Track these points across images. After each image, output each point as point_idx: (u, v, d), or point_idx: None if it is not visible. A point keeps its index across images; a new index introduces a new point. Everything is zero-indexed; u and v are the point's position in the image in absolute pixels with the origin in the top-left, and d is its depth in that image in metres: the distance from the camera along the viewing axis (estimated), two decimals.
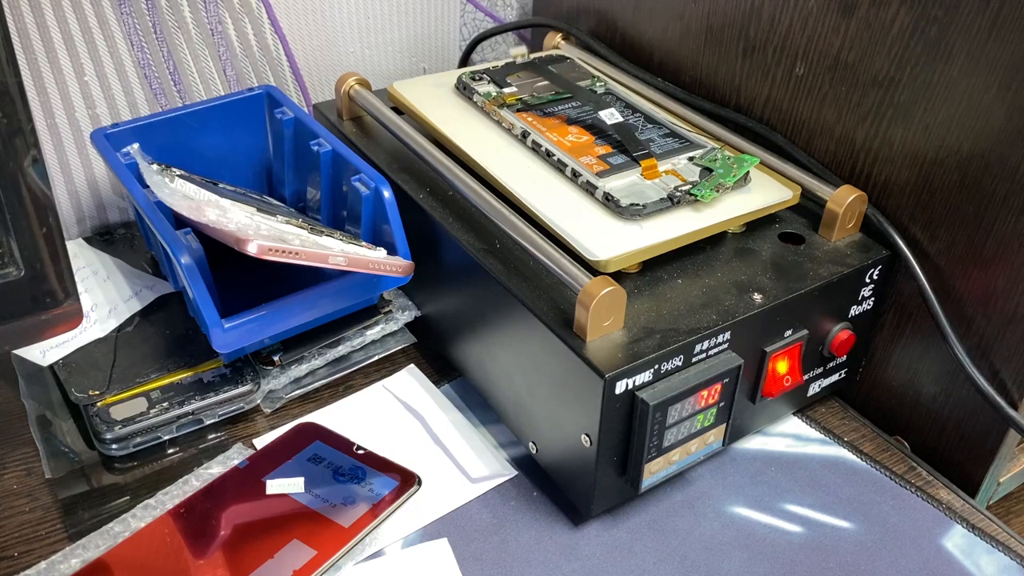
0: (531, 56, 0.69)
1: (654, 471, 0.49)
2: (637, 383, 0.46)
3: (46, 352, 0.58)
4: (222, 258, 0.56)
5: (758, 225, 0.55)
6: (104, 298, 0.63)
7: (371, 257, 0.50)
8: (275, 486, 0.50)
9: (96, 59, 0.67)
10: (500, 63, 0.67)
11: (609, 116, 0.58)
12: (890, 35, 0.52)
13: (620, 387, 0.45)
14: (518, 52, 0.68)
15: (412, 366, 0.61)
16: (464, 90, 0.63)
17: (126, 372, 0.56)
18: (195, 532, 0.47)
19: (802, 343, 0.53)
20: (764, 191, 0.55)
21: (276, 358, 0.58)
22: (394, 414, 0.57)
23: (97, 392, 0.54)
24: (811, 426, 0.58)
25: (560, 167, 0.55)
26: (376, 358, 0.61)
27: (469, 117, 0.61)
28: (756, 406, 0.54)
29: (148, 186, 0.55)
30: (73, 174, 0.70)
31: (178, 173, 0.57)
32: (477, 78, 0.64)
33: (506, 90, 0.62)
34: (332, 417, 0.57)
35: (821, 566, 0.49)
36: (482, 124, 0.60)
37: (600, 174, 0.53)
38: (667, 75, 0.68)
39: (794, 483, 0.54)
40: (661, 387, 0.46)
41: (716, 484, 0.53)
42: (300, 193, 0.65)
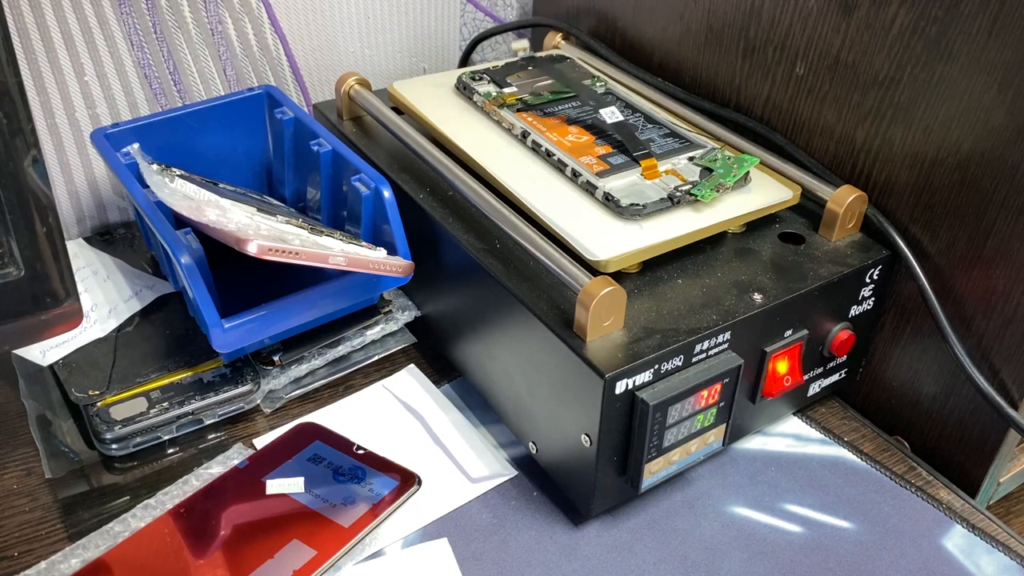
0: (531, 55, 0.69)
1: (654, 471, 0.49)
2: (637, 383, 0.46)
3: (46, 352, 0.58)
4: (222, 258, 0.56)
5: (758, 225, 0.55)
6: (104, 298, 0.63)
7: (371, 257, 0.50)
8: (275, 486, 0.50)
9: (96, 59, 0.67)
10: (500, 63, 0.67)
11: (609, 116, 0.58)
12: (890, 35, 0.52)
13: (620, 387, 0.45)
14: (519, 45, 0.68)
15: (412, 366, 0.61)
16: (464, 90, 0.63)
17: (126, 372, 0.56)
18: (195, 532, 0.47)
19: (802, 343, 0.53)
20: (764, 191, 0.55)
21: (276, 358, 0.58)
22: (394, 414, 0.57)
23: (97, 392, 0.54)
24: (811, 426, 0.58)
25: (560, 167, 0.55)
26: (376, 358, 0.61)
27: (469, 117, 0.61)
28: (756, 406, 0.54)
29: (148, 186, 0.55)
30: (73, 174, 0.70)
31: (178, 173, 0.57)
32: (477, 78, 0.64)
33: (506, 90, 0.62)
34: (332, 417, 0.57)
35: (821, 566, 0.49)
36: (482, 124, 0.60)
37: (600, 174, 0.53)
38: (667, 75, 0.68)
39: (794, 483, 0.54)
40: (661, 387, 0.46)
41: (716, 484, 0.53)
42: (300, 193, 0.65)
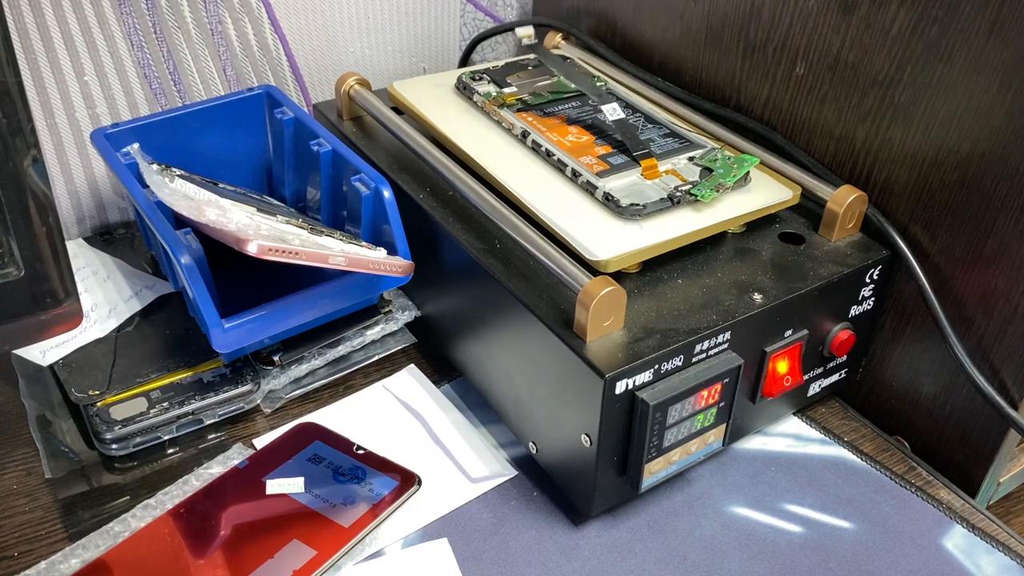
0: (531, 56, 0.69)
1: (654, 471, 0.49)
2: (637, 383, 0.46)
3: (46, 352, 0.58)
4: (222, 258, 0.56)
5: (758, 225, 0.55)
6: (104, 298, 0.63)
7: (371, 257, 0.50)
8: (275, 486, 0.50)
9: (96, 59, 0.67)
10: (500, 63, 0.67)
11: (609, 115, 0.58)
12: (890, 35, 0.51)
13: (620, 387, 0.45)
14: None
15: (412, 366, 0.61)
16: (464, 90, 0.63)
17: (126, 372, 0.56)
18: (195, 532, 0.47)
19: (802, 343, 0.53)
20: (764, 191, 0.55)
21: (276, 358, 0.58)
22: (394, 414, 0.57)
23: (97, 392, 0.54)
24: (811, 426, 0.58)
25: (560, 167, 0.55)
26: (376, 358, 0.61)
27: (469, 117, 0.61)
28: (756, 406, 0.54)
29: (148, 186, 0.55)
30: (73, 174, 0.70)
31: (178, 173, 0.57)
32: (477, 78, 0.64)
33: (506, 90, 0.62)
34: (332, 417, 0.57)
35: (821, 566, 0.49)
36: (482, 124, 0.60)
37: (600, 174, 0.53)
38: (667, 75, 0.68)
39: (794, 483, 0.54)
40: (661, 387, 0.46)
41: (716, 484, 0.53)
42: (300, 193, 0.65)
